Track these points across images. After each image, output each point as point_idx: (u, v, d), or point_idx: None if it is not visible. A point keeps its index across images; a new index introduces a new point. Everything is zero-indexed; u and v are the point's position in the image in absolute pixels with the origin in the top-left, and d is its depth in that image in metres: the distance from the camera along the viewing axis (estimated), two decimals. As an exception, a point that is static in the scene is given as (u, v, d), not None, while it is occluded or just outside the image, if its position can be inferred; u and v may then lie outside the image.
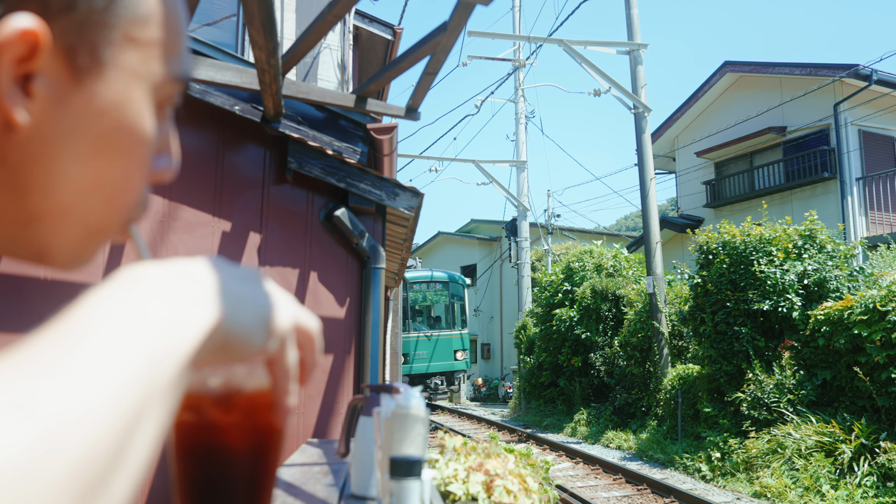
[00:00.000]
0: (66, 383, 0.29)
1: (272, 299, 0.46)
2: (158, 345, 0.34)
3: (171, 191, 3.87)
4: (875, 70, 13.67)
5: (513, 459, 2.60)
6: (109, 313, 0.34)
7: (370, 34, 9.47)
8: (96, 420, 0.29)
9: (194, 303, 0.38)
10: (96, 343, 0.31)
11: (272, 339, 0.45)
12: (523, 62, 18.65)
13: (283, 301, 0.47)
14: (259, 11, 2.55)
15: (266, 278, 0.49)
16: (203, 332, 0.37)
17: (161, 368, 0.33)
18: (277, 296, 0.47)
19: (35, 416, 0.26)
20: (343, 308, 4.13)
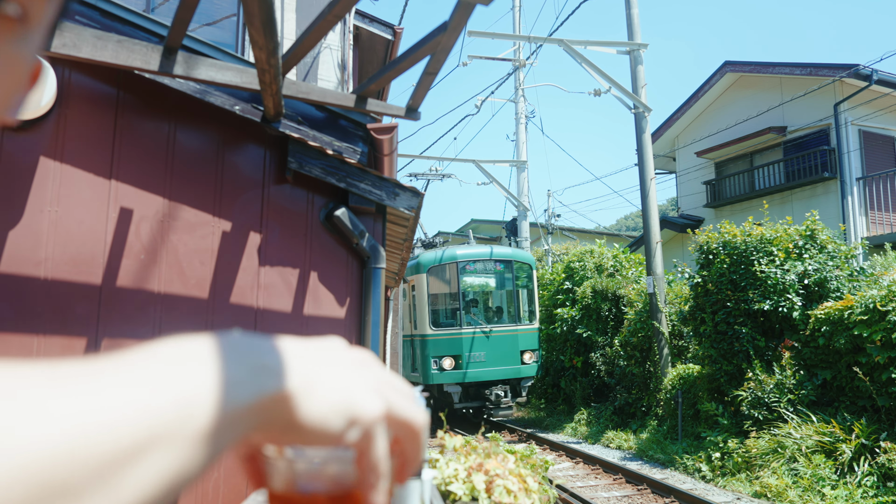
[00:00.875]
0: (79, 396, 0.31)
1: (358, 384, 0.43)
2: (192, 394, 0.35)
3: (171, 190, 3.87)
4: (875, 70, 13.66)
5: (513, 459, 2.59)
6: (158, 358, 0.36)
7: (370, 34, 9.47)
8: (78, 432, 0.30)
9: (253, 370, 0.38)
10: (129, 376, 0.34)
11: (353, 427, 0.42)
12: (523, 62, 18.64)
13: (375, 387, 0.44)
14: (259, 11, 2.55)
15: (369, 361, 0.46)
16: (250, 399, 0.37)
17: (186, 414, 0.34)
18: (369, 381, 0.44)
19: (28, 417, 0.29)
20: (343, 308, 4.13)
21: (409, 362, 14.11)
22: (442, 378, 12.76)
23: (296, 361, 0.41)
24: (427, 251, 14.32)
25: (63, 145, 3.67)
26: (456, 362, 12.88)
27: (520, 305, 14.19)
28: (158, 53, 3.23)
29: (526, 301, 14.36)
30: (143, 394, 0.33)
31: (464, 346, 12.94)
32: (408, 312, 14.23)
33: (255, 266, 3.99)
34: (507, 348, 13.29)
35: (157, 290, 3.76)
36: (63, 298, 3.56)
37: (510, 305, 14.40)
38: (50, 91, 3.56)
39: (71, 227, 3.63)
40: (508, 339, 13.42)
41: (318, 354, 0.43)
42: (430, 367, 12.84)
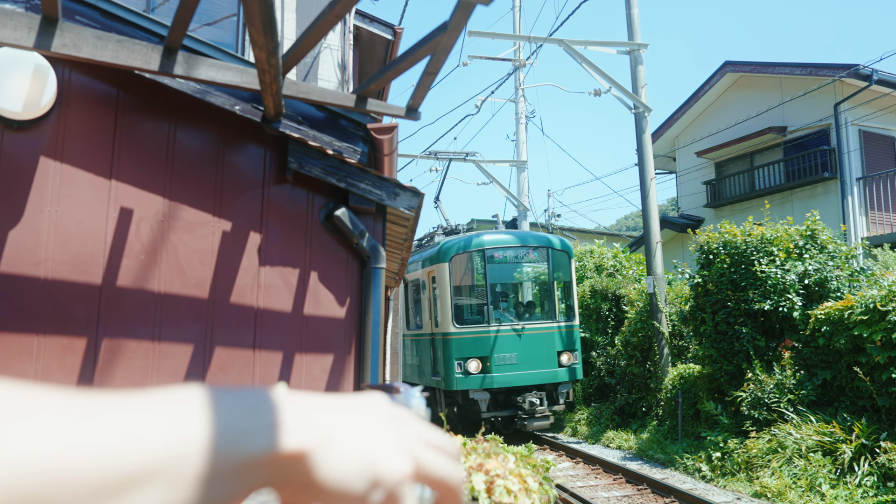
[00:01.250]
0: (79, 423, 0.33)
1: (385, 442, 0.42)
2: (190, 437, 0.35)
3: (171, 190, 3.87)
4: (875, 70, 13.66)
5: (513, 459, 2.59)
6: (164, 399, 0.37)
7: (370, 34, 9.47)
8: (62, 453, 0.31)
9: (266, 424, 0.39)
10: (131, 412, 0.35)
11: (377, 488, 0.41)
12: (523, 62, 18.64)
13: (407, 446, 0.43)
14: (259, 11, 2.55)
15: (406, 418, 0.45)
16: (258, 451, 0.38)
17: (181, 455, 0.35)
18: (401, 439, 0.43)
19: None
20: (343, 308, 4.13)
21: (430, 365, 12.14)
22: (467, 383, 10.97)
23: (318, 418, 0.41)
24: (450, 238, 12.23)
25: (63, 145, 3.67)
26: (483, 365, 11.08)
27: (555, 299, 12.17)
28: (158, 53, 3.23)
29: (563, 294, 12.41)
30: (141, 430, 0.34)
31: (492, 347, 11.10)
32: (428, 307, 12.22)
33: (256, 266, 3.99)
34: (541, 349, 11.40)
35: (157, 290, 3.76)
36: (63, 298, 3.56)
37: (545, 300, 12.41)
38: (50, 91, 3.56)
39: (71, 227, 3.63)
40: (543, 339, 11.48)
41: (346, 412, 0.43)
42: (454, 370, 11.01)
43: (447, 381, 11.24)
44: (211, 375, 3.80)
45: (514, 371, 11.13)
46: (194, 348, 3.78)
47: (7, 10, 2.91)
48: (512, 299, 12.81)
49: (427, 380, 12.35)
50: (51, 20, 2.98)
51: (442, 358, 11.49)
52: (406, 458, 0.43)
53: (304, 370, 3.99)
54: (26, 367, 3.43)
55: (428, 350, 12.34)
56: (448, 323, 11.34)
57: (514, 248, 12.04)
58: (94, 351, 3.59)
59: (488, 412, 11.08)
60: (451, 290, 11.47)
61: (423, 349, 12.80)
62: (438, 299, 11.71)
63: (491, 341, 11.17)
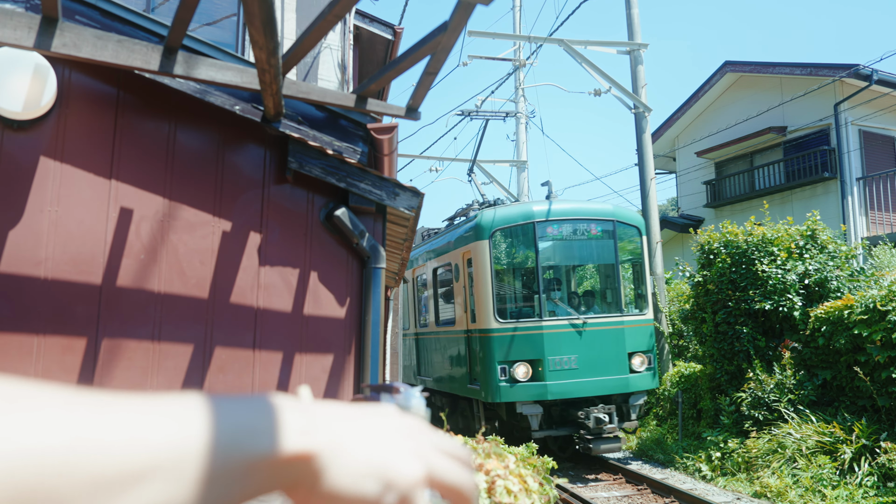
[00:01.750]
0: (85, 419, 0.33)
1: (397, 448, 0.42)
2: (192, 437, 0.36)
3: (171, 190, 3.87)
4: (875, 70, 13.66)
5: (513, 460, 2.60)
6: (172, 402, 0.38)
7: (370, 34, 9.47)
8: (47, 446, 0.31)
9: (273, 425, 0.39)
10: (136, 411, 0.36)
11: (389, 491, 0.41)
12: (523, 62, 18.65)
13: (419, 452, 0.43)
14: (259, 11, 2.55)
15: (419, 427, 0.45)
16: (264, 452, 0.38)
17: (183, 453, 0.35)
18: (414, 446, 0.43)
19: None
20: (343, 308, 4.13)
21: (466, 370, 9.72)
22: (513, 394, 8.57)
23: (328, 422, 0.41)
24: (488, 209, 9.72)
25: (63, 145, 3.67)
26: (534, 370, 8.68)
27: (623, 288, 9.66)
28: (158, 53, 3.23)
29: (634, 281, 9.99)
30: (146, 428, 0.35)
31: (545, 347, 8.68)
32: (462, 298, 9.87)
33: (255, 266, 3.99)
34: (608, 349, 8.97)
35: (157, 289, 3.76)
36: (63, 298, 3.56)
37: (612, 287, 9.88)
38: (50, 91, 3.56)
39: (71, 227, 3.63)
40: (611, 336, 9.08)
41: (357, 419, 0.43)
42: (496, 376, 8.62)
43: (488, 390, 8.77)
44: (211, 375, 3.80)
45: (573, 378, 8.67)
46: (194, 348, 3.78)
47: (7, 9, 2.91)
48: (569, 286, 10.38)
49: (460, 388, 9.96)
50: (51, 20, 2.98)
51: (481, 361, 9.06)
52: (418, 464, 0.43)
53: (304, 370, 3.98)
54: (26, 368, 3.43)
55: (461, 351, 9.93)
56: (488, 317, 8.95)
57: (572, 222, 9.43)
58: (94, 351, 3.59)
59: (541, 431, 8.74)
60: (492, 275, 9.07)
61: (451, 350, 10.50)
62: (476, 287, 9.24)
63: (544, 340, 8.73)
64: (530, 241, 9.36)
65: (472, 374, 9.55)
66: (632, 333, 9.28)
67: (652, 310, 9.91)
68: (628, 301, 9.71)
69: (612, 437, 8.59)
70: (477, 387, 9.22)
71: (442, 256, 10.84)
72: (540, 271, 9.20)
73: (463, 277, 9.88)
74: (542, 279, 9.22)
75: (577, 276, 10.96)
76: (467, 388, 9.63)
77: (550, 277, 9.69)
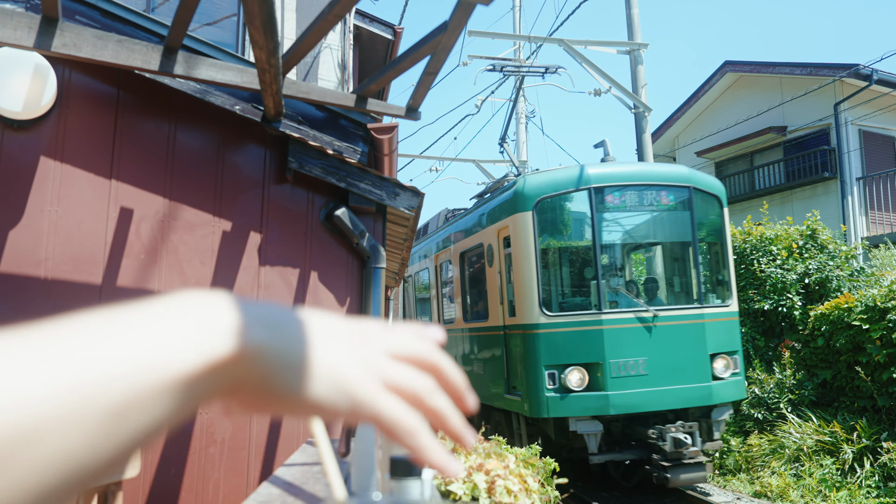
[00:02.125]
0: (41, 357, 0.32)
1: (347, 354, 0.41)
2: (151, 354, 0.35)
3: (171, 190, 3.87)
4: (875, 70, 13.67)
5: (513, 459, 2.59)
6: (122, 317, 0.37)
7: (370, 34, 9.47)
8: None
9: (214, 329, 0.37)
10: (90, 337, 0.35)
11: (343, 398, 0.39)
12: (523, 62, 18.65)
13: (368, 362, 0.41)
14: (259, 11, 2.55)
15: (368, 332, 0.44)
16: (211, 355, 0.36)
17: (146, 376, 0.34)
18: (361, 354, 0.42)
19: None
20: (343, 308, 4.13)
21: (502, 375, 7.82)
22: (565, 407, 6.76)
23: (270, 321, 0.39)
24: (531, 175, 7.78)
25: (63, 145, 3.67)
26: (591, 377, 6.86)
27: (698, 272, 7.57)
28: (159, 53, 3.23)
29: (715, 263, 7.89)
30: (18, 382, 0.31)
31: (606, 347, 6.85)
32: (498, 286, 8.02)
33: (256, 266, 3.99)
34: (686, 350, 7.04)
35: (157, 289, 3.76)
36: (63, 298, 3.56)
37: (687, 271, 7.88)
38: (50, 91, 3.56)
39: (71, 227, 3.63)
40: (689, 333, 7.13)
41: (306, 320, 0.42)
42: (543, 385, 6.83)
43: (532, 402, 6.96)
44: (211, 375, 3.80)
45: (642, 387, 6.81)
46: (194, 348, 3.78)
47: (7, 9, 2.91)
48: (635, 270, 8.78)
49: (494, 397, 8.11)
50: (51, 20, 2.98)
51: (523, 365, 7.24)
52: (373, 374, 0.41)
53: (305, 370, 3.98)
54: (26, 367, 3.43)
55: (496, 353, 8.07)
56: (532, 309, 7.11)
57: (639, 189, 7.47)
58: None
59: (601, 454, 6.88)
60: (536, 256, 7.20)
61: (483, 351, 8.66)
62: (516, 272, 7.42)
63: (604, 338, 6.89)
64: (586, 211, 7.36)
65: (510, 380, 7.65)
66: (714, 329, 7.29)
67: (736, 300, 7.74)
68: (708, 289, 7.71)
69: (696, 465, 6.70)
70: (517, 397, 7.31)
71: (470, 237, 8.98)
72: (598, 250, 7.29)
73: (498, 260, 7.98)
74: (600, 260, 7.30)
75: (643, 258, 9.06)
76: (504, 399, 7.67)
77: (611, 258, 7.80)
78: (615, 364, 6.85)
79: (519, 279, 7.33)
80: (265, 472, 3.80)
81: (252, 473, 3.79)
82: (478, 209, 8.91)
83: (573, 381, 6.83)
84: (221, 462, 3.74)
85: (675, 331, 7.14)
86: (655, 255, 8.78)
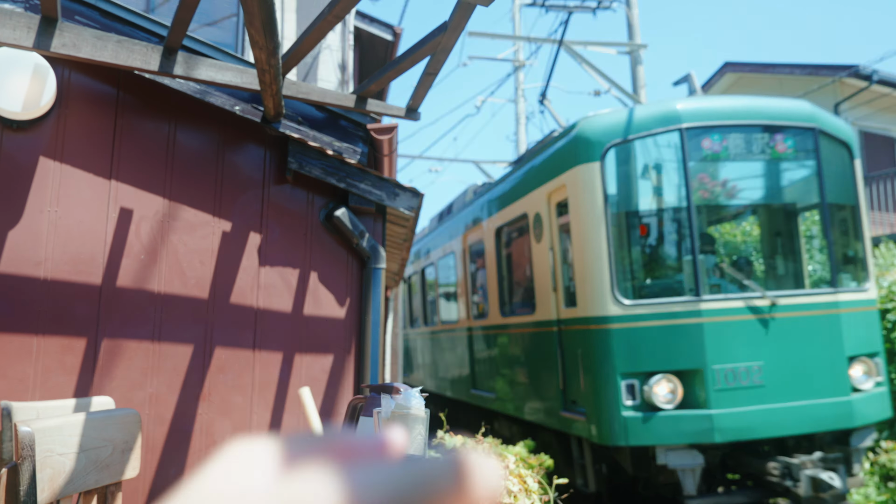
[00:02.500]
0: None
1: None
2: None
3: (171, 191, 3.87)
4: (875, 70, 13.67)
5: (513, 459, 2.59)
6: None
7: (370, 34, 9.47)
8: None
9: None
10: None
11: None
12: (523, 62, 18.66)
13: None
14: (259, 11, 2.55)
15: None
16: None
17: None
18: None
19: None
20: (343, 308, 4.13)
21: (557, 386, 5.94)
22: (650, 432, 4.96)
23: None
24: (593, 116, 5.79)
25: (63, 145, 3.67)
26: (686, 389, 5.08)
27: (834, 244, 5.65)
28: (158, 53, 3.23)
29: (842, 235, 5.91)
30: None
31: (707, 348, 5.05)
32: (550, 268, 6.15)
33: (255, 266, 3.99)
34: (814, 350, 5.21)
35: (157, 290, 3.76)
36: (63, 298, 3.56)
37: (815, 244, 6.29)
38: (50, 91, 3.56)
39: (71, 227, 3.63)
40: (818, 328, 5.27)
41: None
42: (618, 400, 5.05)
43: (603, 424, 5.13)
44: (211, 376, 3.80)
45: (758, 403, 4.98)
46: (194, 348, 3.78)
47: (6, 9, 2.91)
48: (743, 244, 6.70)
49: (545, 414, 6.18)
50: (50, 20, 2.98)
51: (588, 373, 5.40)
52: None
53: (304, 370, 3.99)
54: (26, 368, 3.43)
55: (547, 355, 6.15)
56: (601, 296, 5.23)
57: (746, 131, 5.50)
58: (94, 351, 3.59)
59: (702, 498, 5.02)
60: (608, 224, 5.28)
61: (525, 353, 6.68)
62: (576, 245, 5.55)
63: (704, 335, 5.04)
64: (676, 161, 5.35)
65: (567, 393, 5.71)
66: (851, 323, 5.34)
67: (874, 284, 5.82)
68: (839, 269, 5.65)
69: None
70: (579, 416, 5.42)
71: (509, 208, 7.02)
72: (693, 214, 5.26)
73: (548, 233, 6.06)
74: (697, 228, 5.28)
75: (754, 224, 6.76)
76: (560, 418, 5.77)
77: (711, 225, 6.03)
78: (720, 371, 4.94)
79: (581, 256, 5.35)
80: (265, 472, 3.80)
81: (252, 474, 3.78)
82: (518, 171, 6.99)
83: (661, 396, 4.93)
84: (221, 462, 3.74)
85: (800, 325, 5.20)
86: (770, 221, 6.47)
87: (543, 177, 6.12)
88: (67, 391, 3.50)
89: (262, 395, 3.88)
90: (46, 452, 1.88)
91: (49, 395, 3.44)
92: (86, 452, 2.05)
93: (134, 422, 2.31)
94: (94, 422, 2.11)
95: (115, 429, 2.22)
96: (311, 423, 0.51)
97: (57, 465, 1.92)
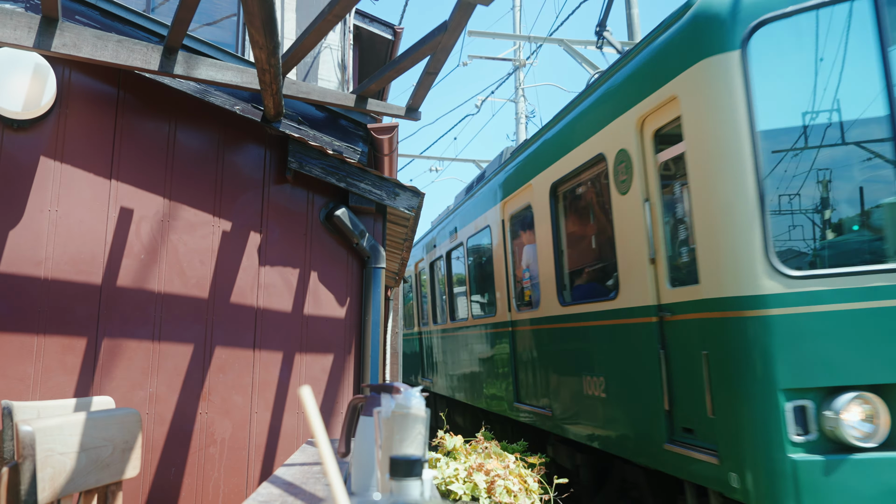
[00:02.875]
0: None
1: None
2: None
3: (171, 190, 3.88)
4: (876, 70, 13.60)
5: (513, 459, 2.59)
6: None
7: (370, 34, 9.48)
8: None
9: None
10: None
11: None
12: (523, 62, 18.66)
13: None
14: (259, 11, 2.55)
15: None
16: None
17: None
18: None
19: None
20: (343, 308, 4.14)
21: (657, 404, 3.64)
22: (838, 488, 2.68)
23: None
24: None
25: (63, 145, 3.67)
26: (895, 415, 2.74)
27: None
28: (158, 53, 3.23)
29: None
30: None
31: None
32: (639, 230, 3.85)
33: (255, 266, 3.99)
34: None
35: (157, 289, 3.76)
36: (63, 298, 3.57)
37: None
38: (50, 91, 3.56)
39: (71, 227, 3.63)
40: None
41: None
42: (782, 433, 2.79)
43: (746, 467, 2.95)
44: (211, 375, 3.80)
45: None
46: (194, 348, 3.78)
47: (7, 9, 2.91)
48: None
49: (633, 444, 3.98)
50: (51, 20, 2.98)
51: (720, 386, 3.13)
52: None
53: (304, 370, 3.99)
54: (26, 367, 3.43)
55: (639, 360, 3.91)
56: (746, 267, 3.03)
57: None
58: (94, 351, 3.59)
59: None
60: (757, 149, 3.07)
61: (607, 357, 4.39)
62: (695, 191, 3.34)
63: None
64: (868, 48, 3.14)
65: (677, 416, 3.58)
66: None
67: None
68: None
69: None
70: (704, 454, 3.28)
71: (573, 152, 4.83)
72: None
73: (642, 177, 3.93)
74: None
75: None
76: (663, 453, 3.65)
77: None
78: None
79: (707, 205, 3.30)
80: (265, 472, 3.81)
81: (252, 473, 3.79)
82: (588, 98, 4.79)
83: (854, 427, 2.93)
84: (221, 462, 3.75)
85: None
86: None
87: (632, 95, 4.03)
88: (68, 391, 3.50)
89: (262, 394, 3.88)
90: (47, 452, 1.88)
91: (50, 394, 3.45)
92: (86, 452, 2.06)
93: (134, 421, 2.31)
94: (94, 421, 2.12)
95: (116, 428, 2.22)
96: (311, 423, 0.51)
97: (58, 464, 1.93)
